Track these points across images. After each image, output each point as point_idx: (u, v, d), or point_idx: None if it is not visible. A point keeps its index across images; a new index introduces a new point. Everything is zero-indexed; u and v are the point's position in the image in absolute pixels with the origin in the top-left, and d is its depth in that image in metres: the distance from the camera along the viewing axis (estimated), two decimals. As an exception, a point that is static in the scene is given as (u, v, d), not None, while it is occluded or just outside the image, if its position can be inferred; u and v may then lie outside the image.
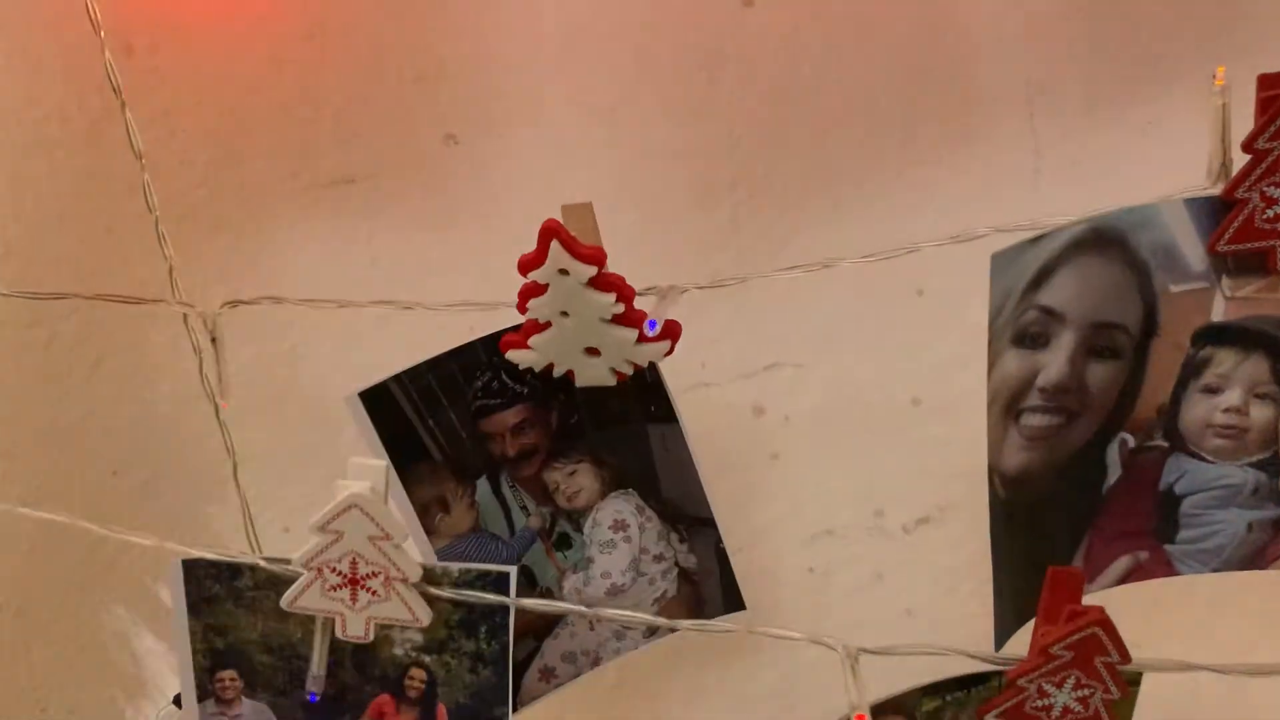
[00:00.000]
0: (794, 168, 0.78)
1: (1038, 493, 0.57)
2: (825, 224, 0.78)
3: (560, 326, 0.58)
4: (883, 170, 0.77)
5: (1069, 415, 0.56)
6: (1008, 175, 0.77)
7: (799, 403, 0.81)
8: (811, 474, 0.81)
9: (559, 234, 0.55)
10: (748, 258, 0.78)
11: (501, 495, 0.64)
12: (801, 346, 0.80)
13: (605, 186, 0.78)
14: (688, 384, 0.81)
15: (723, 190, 0.78)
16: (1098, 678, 0.52)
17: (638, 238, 0.77)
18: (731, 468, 0.83)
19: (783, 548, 0.83)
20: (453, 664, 0.56)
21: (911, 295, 0.79)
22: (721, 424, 0.82)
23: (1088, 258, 0.53)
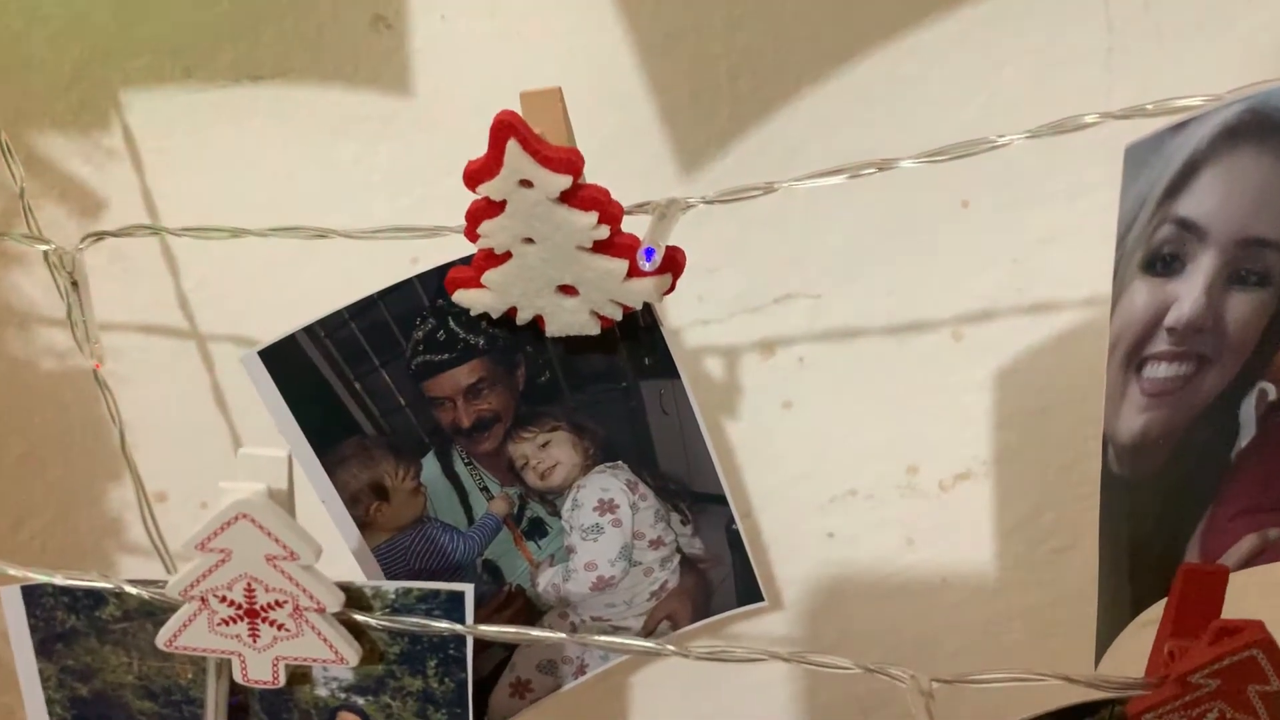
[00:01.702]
0: (809, 53, 0.62)
1: (1155, 464, 0.44)
2: (847, 122, 0.63)
3: (523, 257, 0.43)
4: (918, 54, 0.62)
5: (1199, 362, 0.42)
6: (1075, 54, 0.62)
7: (816, 341, 0.68)
8: (831, 425, 0.68)
9: (517, 131, 0.40)
10: (752, 166, 0.64)
11: (455, 475, 0.50)
12: (819, 274, 0.66)
13: (576, 79, 0.63)
14: (682, 321, 0.67)
15: (721, 82, 0.63)
16: (1249, 710, 0.39)
17: (617, 143, 0.62)
18: (736, 419, 0.69)
19: (798, 511, 0.70)
20: (395, 706, 0.42)
21: (954, 208, 0.64)
22: (724, 368, 0.69)
23: (1241, 151, 0.38)
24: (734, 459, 0.70)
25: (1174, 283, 0.40)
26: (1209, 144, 0.38)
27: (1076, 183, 0.62)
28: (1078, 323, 0.64)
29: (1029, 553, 0.71)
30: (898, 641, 0.73)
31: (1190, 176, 0.38)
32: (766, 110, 0.64)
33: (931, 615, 0.73)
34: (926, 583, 0.72)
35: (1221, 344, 0.43)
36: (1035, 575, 0.71)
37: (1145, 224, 0.39)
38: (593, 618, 0.55)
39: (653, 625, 0.55)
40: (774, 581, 0.72)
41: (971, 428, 0.68)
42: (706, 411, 0.70)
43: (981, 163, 0.45)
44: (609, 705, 0.72)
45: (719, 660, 0.43)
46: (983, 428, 0.68)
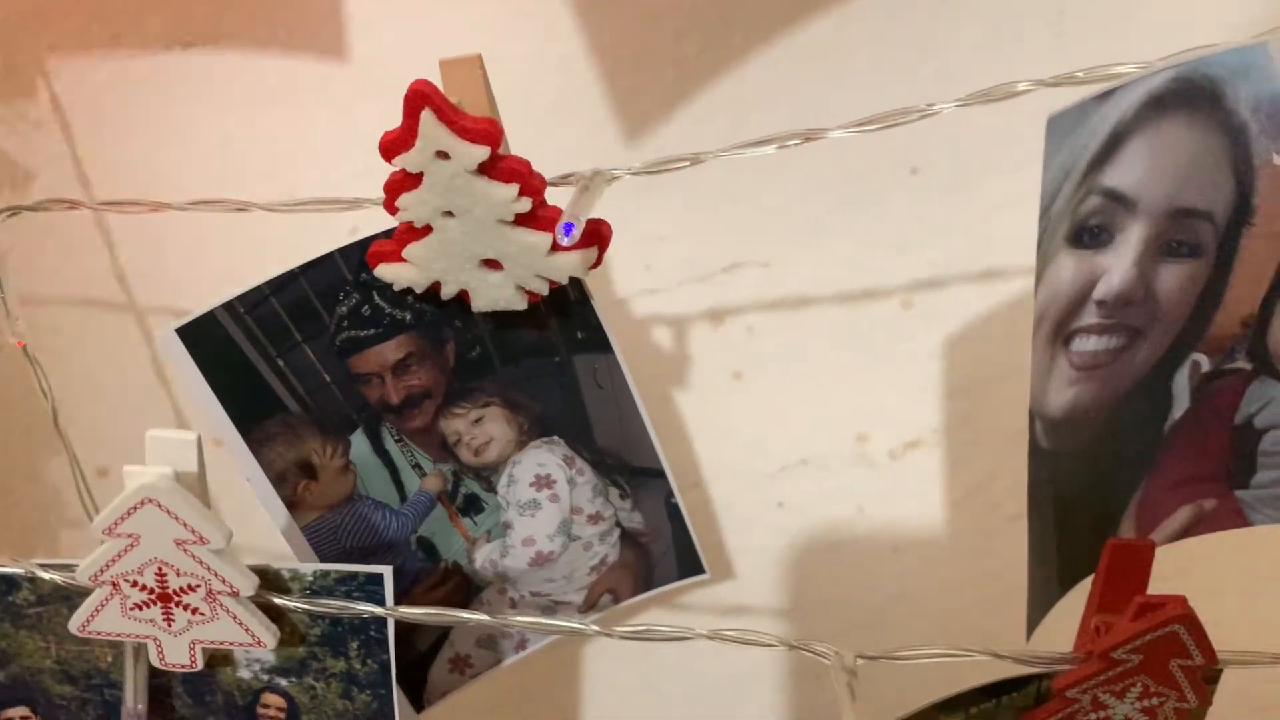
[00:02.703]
0: (755, 15, 0.61)
1: (1086, 438, 0.43)
2: (795, 86, 0.62)
3: (444, 231, 0.42)
4: (867, 17, 0.61)
5: (1131, 335, 0.42)
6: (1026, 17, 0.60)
7: (765, 310, 0.67)
8: (781, 394, 0.68)
9: (432, 101, 0.39)
10: (700, 132, 0.62)
11: (385, 452, 0.49)
12: (767, 241, 0.65)
13: (517, 42, 0.61)
14: (629, 291, 0.66)
15: (667, 44, 0.61)
16: (1172, 684, 0.39)
17: (560, 107, 0.61)
18: (685, 389, 0.69)
19: (748, 481, 0.69)
20: (319, 688, 0.42)
21: (903, 175, 0.63)
22: (672, 338, 0.68)
23: (1169, 120, 0.38)
24: (683, 429, 0.69)
25: (1102, 255, 0.40)
26: (1136, 113, 0.37)
27: (1027, 150, 0.61)
28: (1028, 291, 0.63)
29: (980, 520, 0.70)
30: (850, 610, 0.73)
31: (1117, 147, 0.37)
32: (713, 73, 0.62)
33: (884, 583, 0.73)
34: (878, 551, 0.72)
35: (1153, 316, 0.42)
36: (987, 543, 0.71)
37: (1070, 196, 0.38)
38: (532, 593, 0.54)
39: (594, 599, 0.55)
40: (725, 551, 0.72)
41: (922, 396, 0.67)
42: (655, 382, 0.69)
43: (930, 130, 0.44)
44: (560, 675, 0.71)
45: (642, 640, 0.42)
46: (933, 396, 0.67)
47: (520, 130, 0.62)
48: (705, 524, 0.71)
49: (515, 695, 0.71)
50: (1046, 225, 0.38)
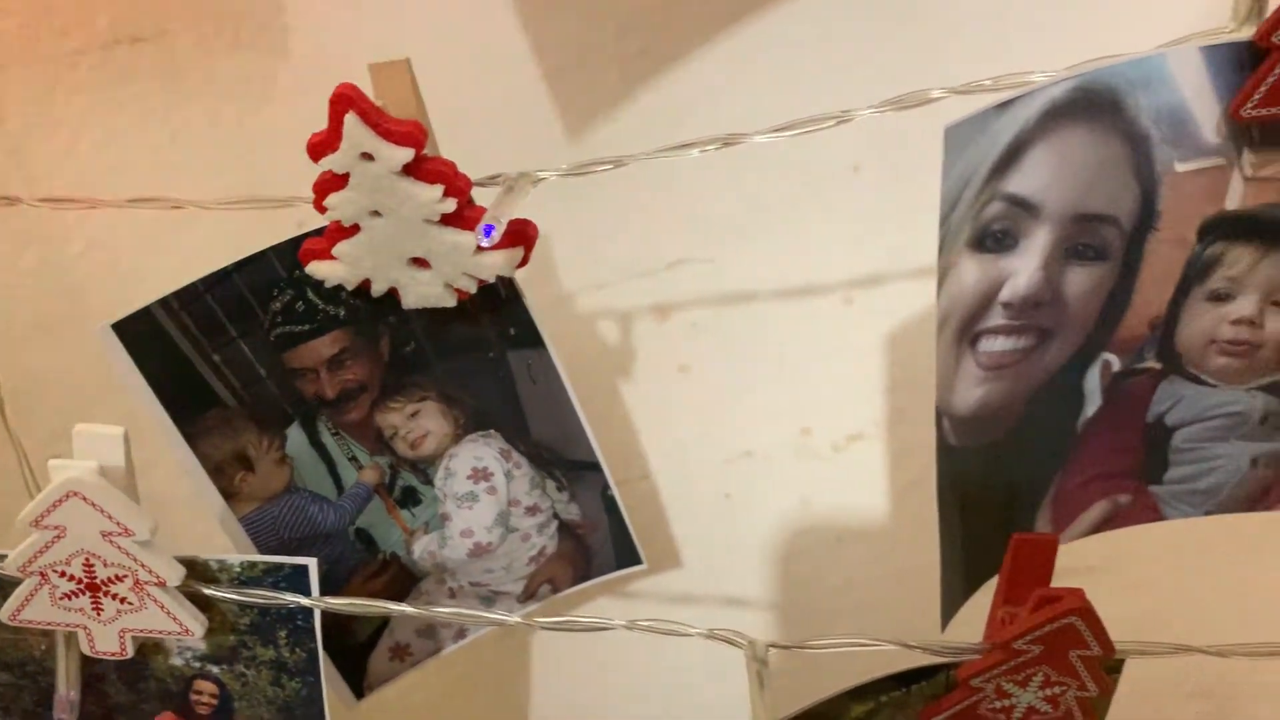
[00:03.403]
0: (697, 15, 0.62)
1: (998, 434, 0.44)
2: (737, 85, 0.63)
3: (372, 230, 0.43)
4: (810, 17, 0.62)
5: (1040, 335, 0.43)
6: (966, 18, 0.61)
7: (710, 305, 0.68)
8: (726, 388, 0.69)
9: (356, 104, 0.39)
10: (642, 130, 0.63)
11: (322, 445, 0.50)
12: (712, 238, 0.66)
13: (462, 40, 0.62)
14: (576, 285, 0.67)
15: (609, 44, 0.62)
16: (1072, 673, 0.40)
17: (504, 105, 0.62)
18: (633, 383, 0.70)
19: (694, 473, 0.71)
20: (250, 675, 0.43)
21: (846, 173, 0.64)
22: (619, 332, 0.69)
23: (1071, 128, 0.39)
24: (631, 421, 0.70)
25: (1007, 258, 0.41)
26: (1037, 122, 0.38)
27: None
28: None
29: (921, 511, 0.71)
30: (795, 599, 0.75)
31: (1018, 154, 0.39)
32: (656, 72, 0.63)
33: (829, 573, 0.75)
34: (823, 542, 0.74)
35: (1062, 317, 0.43)
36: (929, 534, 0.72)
37: (971, 202, 0.39)
38: (471, 583, 0.55)
39: (533, 589, 0.56)
40: (673, 541, 0.73)
41: (863, 389, 0.69)
42: (603, 375, 0.70)
43: (871, 129, 0.45)
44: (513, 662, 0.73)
45: (563, 630, 0.43)
46: (874, 389, 0.68)
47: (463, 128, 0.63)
48: (653, 515, 0.73)
49: (467, 682, 0.72)
50: (947, 231, 0.39)
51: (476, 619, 0.42)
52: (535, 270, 0.68)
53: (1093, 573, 0.77)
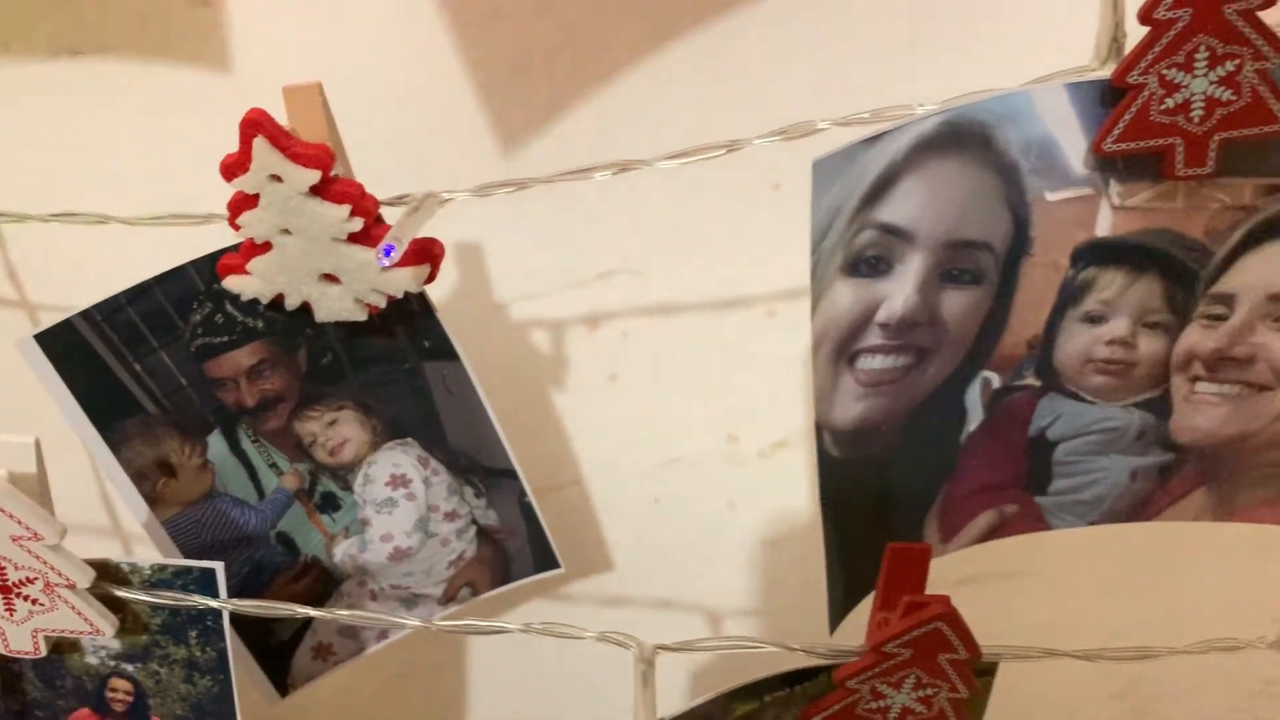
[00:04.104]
0: (626, 34, 0.64)
1: (880, 447, 0.47)
2: (665, 104, 0.65)
3: (283, 247, 0.45)
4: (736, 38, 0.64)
5: (919, 354, 0.45)
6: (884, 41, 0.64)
7: (639, 316, 0.70)
8: (655, 396, 0.71)
9: (264, 128, 0.41)
10: (572, 145, 0.65)
11: (243, 452, 0.52)
12: (640, 251, 0.68)
13: (395, 57, 0.64)
14: (508, 296, 0.69)
15: (538, 62, 0.64)
16: (943, 676, 0.43)
17: (436, 122, 0.64)
18: (564, 391, 0.72)
19: (625, 478, 0.73)
20: (163, 673, 0.45)
21: (768, 190, 0.67)
22: (550, 341, 0.71)
23: (941, 160, 0.41)
24: (562, 428, 0.72)
25: (882, 282, 0.43)
26: (906, 155, 0.41)
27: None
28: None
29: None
30: (722, 602, 0.77)
31: (889, 185, 0.41)
32: (585, 90, 0.65)
33: (755, 576, 0.77)
34: (749, 546, 0.76)
35: (940, 337, 0.45)
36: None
37: (843, 230, 0.41)
38: (392, 585, 0.57)
39: (453, 592, 0.58)
40: (604, 545, 0.75)
41: (788, 399, 0.71)
42: (534, 383, 0.72)
43: (792, 150, 0.47)
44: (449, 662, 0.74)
45: (463, 633, 0.45)
46: (798, 399, 0.71)
47: (397, 143, 0.65)
48: (584, 519, 0.75)
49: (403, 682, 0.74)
50: (819, 258, 0.41)
51: (382, 621, 0.44)
52: (468, 281, 0.70)
53: (1013, 577, 0.80)
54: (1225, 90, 0.40)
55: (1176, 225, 0.44)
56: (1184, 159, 0.41)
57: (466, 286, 0.70)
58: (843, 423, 0.45)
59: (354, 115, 0.64)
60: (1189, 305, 0.46)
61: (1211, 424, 0.48)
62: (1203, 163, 0.41)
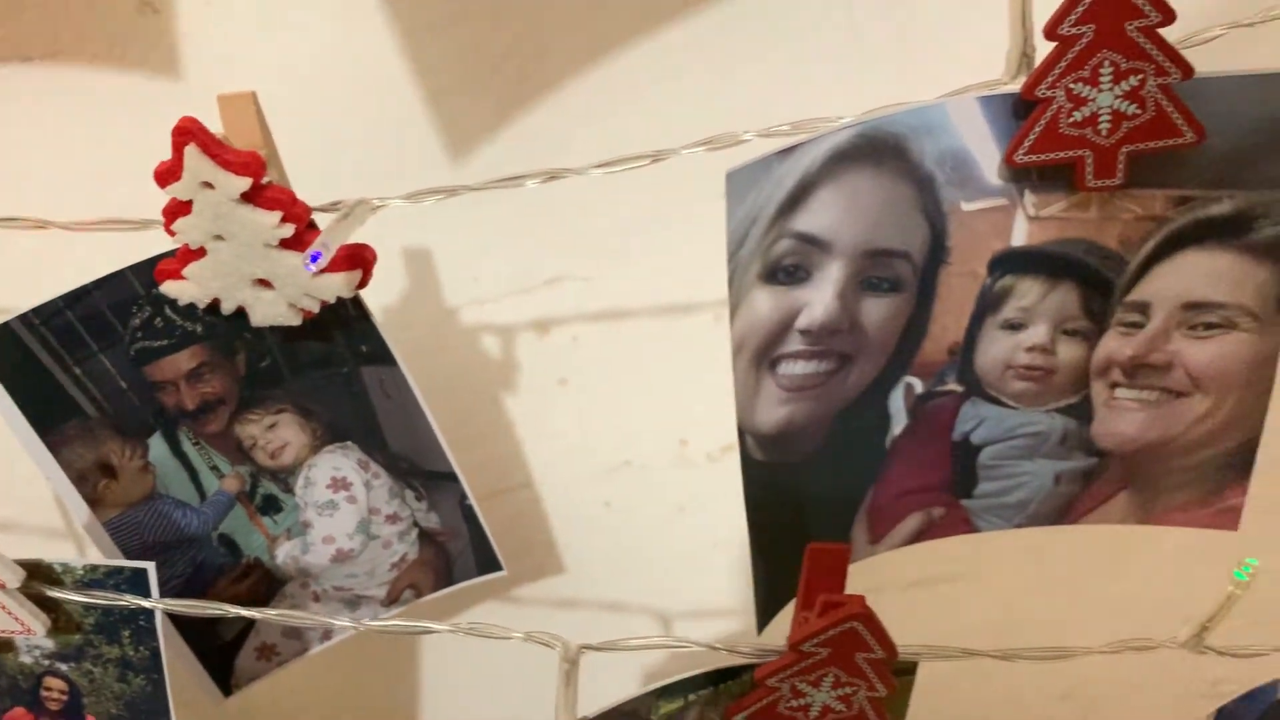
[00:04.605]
0: (573, 42, 0.65)
1: (804, 450, 0.48)
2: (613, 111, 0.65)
3: (217, 253, 0.45)
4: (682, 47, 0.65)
5: (840, 359, 0.46)
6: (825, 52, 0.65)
7: (588, 321, 0.71)
8: (606, 400, 0.72)
9: (196, 136, 0.42)
10: (521, 151, 0.66)
11: (184, 454, 0.52)
12: (589, 257, 0.68)
13: (343, 64, 0.65)
14: (459, 301, 0.70)
15: (486, 69, 0.65)
16: (860, 675, 0.43)
17: (385, 127, 0.64)
18: (515, 395, 0.72)
19: (576, 481, 0.73)
20: (97, 672, 0.45)
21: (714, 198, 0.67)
22: (500, 346, 0.71)
23: (856, 171, 0.42)
24: (513, 432, 0.73)
25: (801, 290, 0.44)
26: (821, 166, 0.42)
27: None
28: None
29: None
30: (672, 603, 0.78)
31: (805, 195, 0.42)
32: (533, 97, 0.66)
33: (704, 579, 0.78)
34: (699, 548, 0.77)
35: (861, 343, 0.46)
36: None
37: (760, 239, 0.42)
38: (335, 587, 0.58)
39: (396, 594, 0.59)
40: (555, 548, 0.76)
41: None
42: (485, 387, 0.73)
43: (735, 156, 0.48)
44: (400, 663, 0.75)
45: (393, 633, 0.46)
46: (746, 403, 0.71)
47: (345, 150, 0.66)
48: (536, 522, 0.76)
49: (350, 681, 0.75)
50: (736, 266, 0.42)
51: (317, 622, 0.45)
52: (418, 287, 0.71)
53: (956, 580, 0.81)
54: (1131, 104, 0.41)
55: (1091, 235, 0.45)
56: (1093, 171, 0.42)
57: (416, 292, 0.70)
58: (766, 426, 0.46)
59: (303, 121, 0.65)
60: (1106, 313, 0.47)
61: (1132, 429, 0.49)
62: (1112, 174, 0.42)
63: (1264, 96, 0.42)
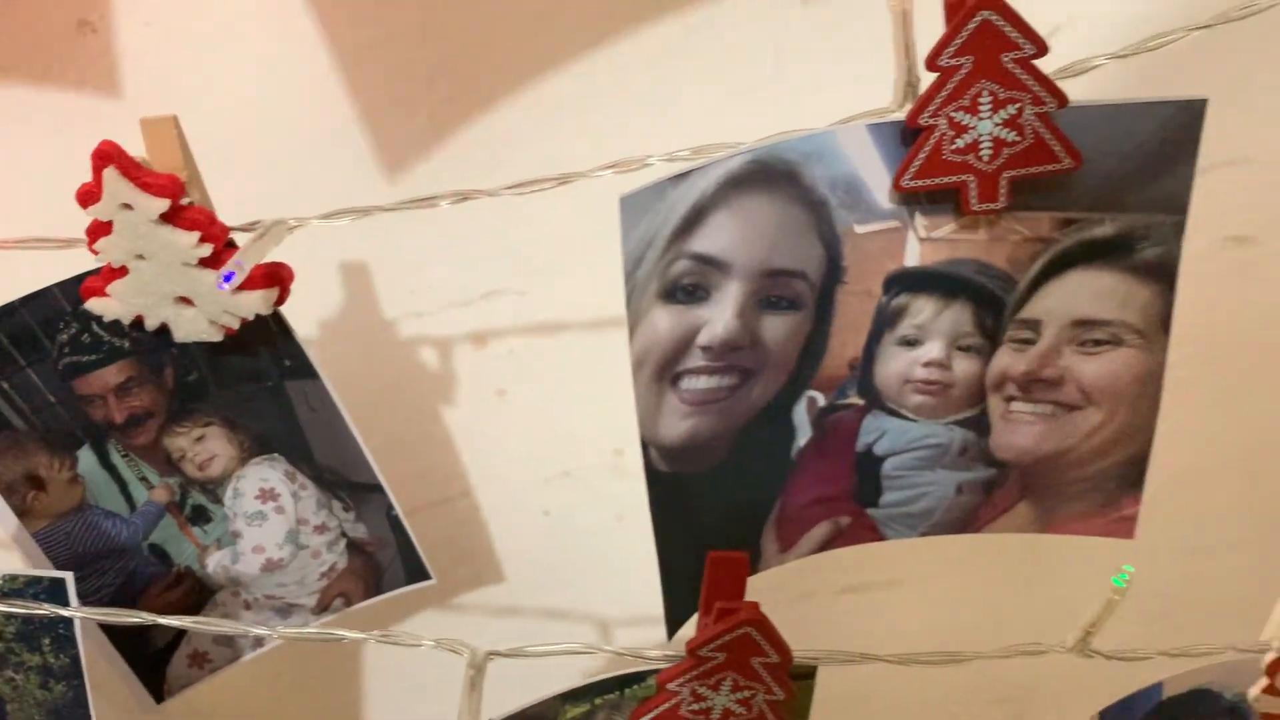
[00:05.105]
0: (504, 62, 0.66)
1: (710, 461, 0.49)
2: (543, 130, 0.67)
3: (139, 271, 0.47)
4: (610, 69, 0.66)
5: (743, 375, 0.48)
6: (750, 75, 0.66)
7: (525, 334, 0.72)
8: (544, 411, 0.73)
9: (114, 159, 0.44)
10: (453, 169, 0.68)
11: (113, 466, 0.54)
12: (524, 271, 0.70)
13: (279, 83, 0.66)
14: (396, 314, 0.71)
15: (419, 88, 0.66)
16: (757, 679, 0.45)
17: (320, 145, 0.66)
18: (453, 406, 0.74)
19: (516, 491, 0.75)
20: (19, 680, 0.47)
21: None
22: (438, 358, 0.73)
23: (751, 196, 0.44)
24: (452, 443, 0.74)
25: (700, 308, 0.46)
26: (715, 191, 0.43)
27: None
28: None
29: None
30: (612, 611, 0.79)
31: (700, 219, 0.44)
32: (466, 116, 0.68)
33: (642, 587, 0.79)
34: (637, 557, 0.78)
35: (763, 359, 0.48)
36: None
37: (657, 260, 0.44)
38: (266, 595, 0.59)
39: (327, 602, 0.60)
40: (495, 556, 0.77)
41: (670, 415, 0.73)
42: (424, 398, 0.74)
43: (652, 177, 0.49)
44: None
45: (310, 640, 0.48)
46: (680, 415, 0.73)
47: (284, 167, 0.67)
48: (475, 532, 0.77)
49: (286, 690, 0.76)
50: (634, 286, 0.44)
51: (226, 629, 0.46)
52: (356, 300, 0.72)
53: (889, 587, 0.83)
54: (1010, 132, 0.43)
55: (981, 255, 0.47)
56: (977, 195, 0.44)
57: (355, 305, 0.72)
58: (669, 439, 0.48)
59: (239, 140, 0.66)
60: (998, 330, 0.49)
61: (1028, 441, 0.51)
62: (994, 198, 0.44)
63: (1137, 124, 0.44)
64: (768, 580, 0.78)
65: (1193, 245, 0.69)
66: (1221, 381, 0.71)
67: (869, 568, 0.80)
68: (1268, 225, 0.69)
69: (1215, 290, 0.70)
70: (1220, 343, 0.70)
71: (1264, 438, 0.73)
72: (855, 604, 0.81)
